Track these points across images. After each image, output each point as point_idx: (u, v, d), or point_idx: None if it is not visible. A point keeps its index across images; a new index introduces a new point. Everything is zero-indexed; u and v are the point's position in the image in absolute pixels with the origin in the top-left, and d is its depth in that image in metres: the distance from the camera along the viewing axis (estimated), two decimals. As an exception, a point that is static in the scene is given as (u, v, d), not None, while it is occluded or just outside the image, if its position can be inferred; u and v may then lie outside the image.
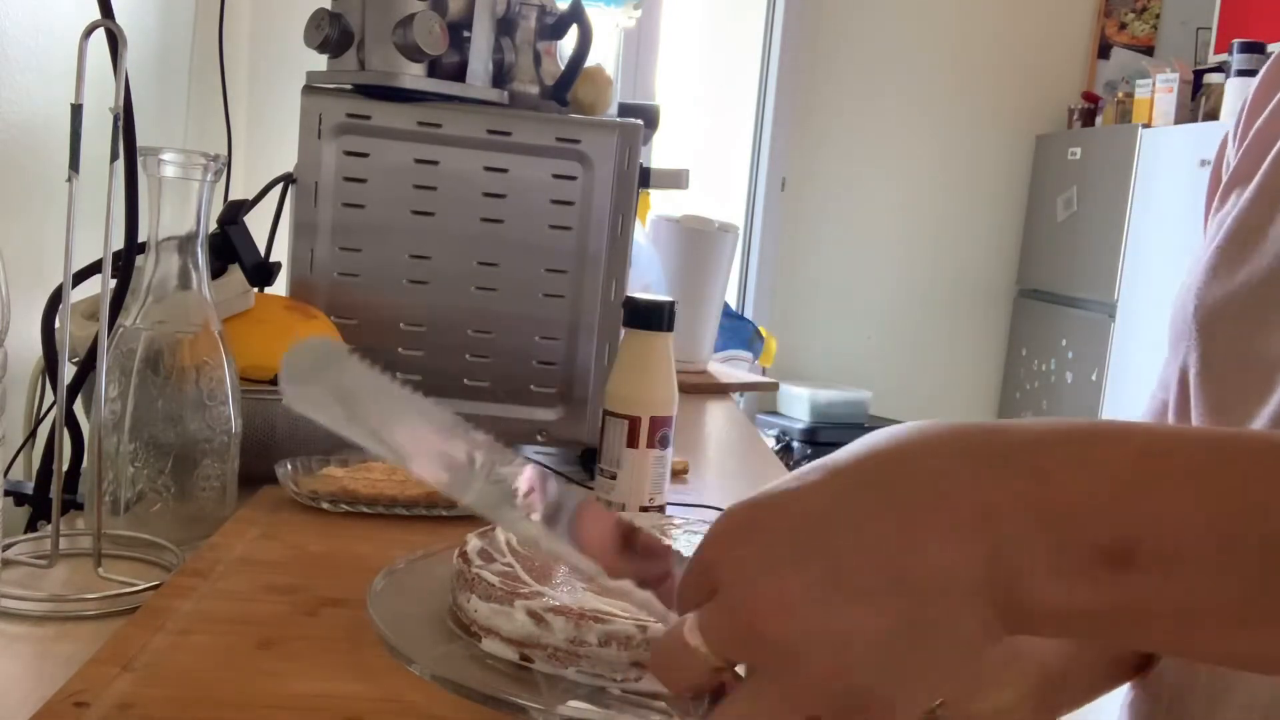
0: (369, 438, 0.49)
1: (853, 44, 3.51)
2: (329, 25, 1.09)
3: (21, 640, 0.64)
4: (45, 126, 1.09)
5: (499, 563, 0.63)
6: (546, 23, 1.16)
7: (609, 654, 0.55)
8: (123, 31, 0.74)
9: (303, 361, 0.50)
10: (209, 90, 1.48)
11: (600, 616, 0.56)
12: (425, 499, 0.87)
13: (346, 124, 1.11)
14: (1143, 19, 3.70)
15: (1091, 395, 3.22)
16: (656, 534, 0.66)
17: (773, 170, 3.48)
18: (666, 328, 0.91)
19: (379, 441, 0.49)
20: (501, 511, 0.49)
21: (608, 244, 1.14)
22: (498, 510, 0.49)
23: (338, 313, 1.11)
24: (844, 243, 3.61)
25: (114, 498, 0.79)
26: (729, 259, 1.82)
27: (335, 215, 1.12)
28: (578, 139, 1.12)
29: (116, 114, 0.73)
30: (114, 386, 0.79)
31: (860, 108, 3.55)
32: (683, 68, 3.35)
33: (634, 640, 0.55)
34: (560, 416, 1.16)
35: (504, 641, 0.57)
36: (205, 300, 0.82)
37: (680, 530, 0.76)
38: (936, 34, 3.55)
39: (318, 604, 0.66)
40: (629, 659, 0.55)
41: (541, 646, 0.56)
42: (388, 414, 0.50)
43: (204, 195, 0.80)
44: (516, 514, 0.49)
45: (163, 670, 0.55)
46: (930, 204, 3.66)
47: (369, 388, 0.50)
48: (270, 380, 0.96)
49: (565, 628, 0.56)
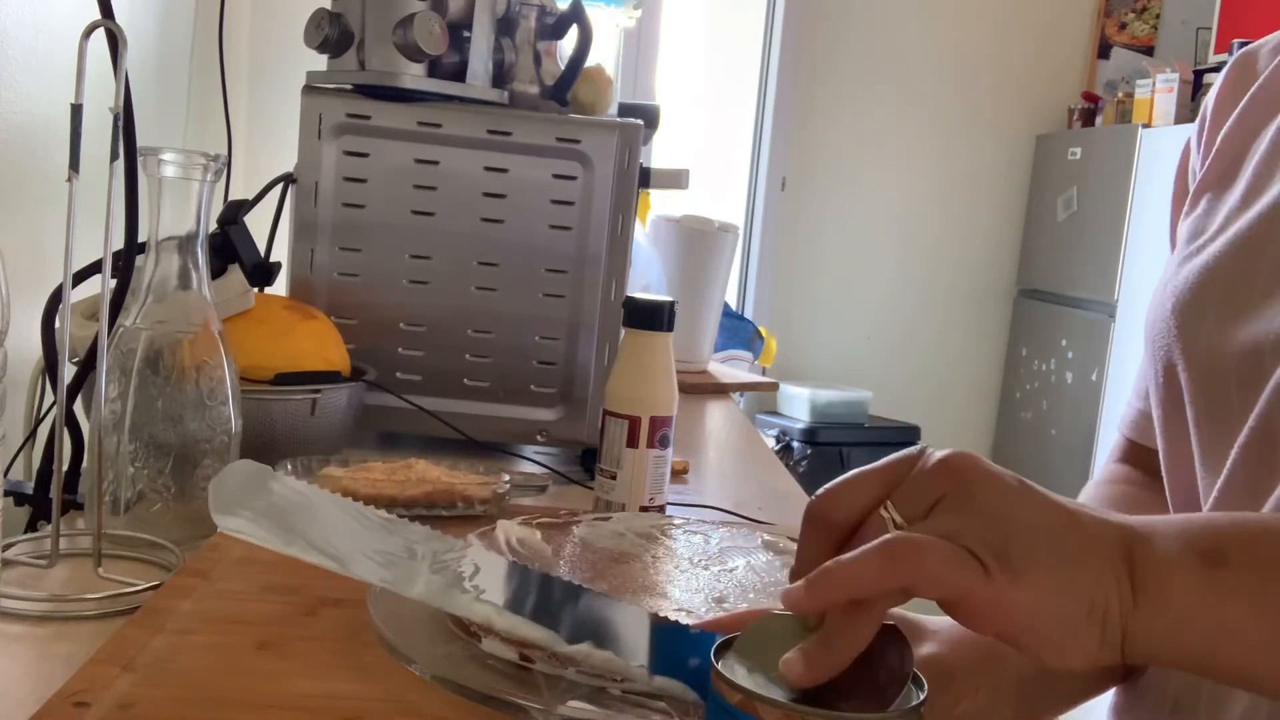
0: (309, 551, 0.50)
1: (853, 44, 3.51)
2: (329, 25, 1.09)
3: (21, 640, 0.64)
4: (45, 126, 1.09)
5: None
6: (546, 23, 1.16)
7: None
8: (123, 31, 0.74)
9: (229, 489, 0.51)
10: (209, 90, 1.48)
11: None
12: (425, 499, 0.87)
13: (346, 124, 1.11)
14: (1143, 19, 3.70)
15: (1091, 395, 3.22)
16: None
17: (773, 170, 3.48)
18: (666, 328, 0.91)
19: (319, 553, 0.50)
20: (451, 597, 0.50)
21: (608, 244, 1.14)
22: (447, 596, 0.50)
23: (338, 313, 1.11)
24: (844, 243, 3.61)
25: (114, 498, 0.79)
26: (729, 259, 1.82)
27: (335, 215, 1.12)
28: (578, 139, 1.12)
29: (116, 114, 0.73)
30: (114, 386, 0.79)
31: (860, 108, 3.55)
32: (683, 68, 3.35)
33: None
34: (560, 416, 1.16)
35: (504, 642, 0.57)
36: (205, 300, 0.82)
37: (680, 530, 0.76)
38: (936, 34, 3.55)
39: (317, 604, 0.66)
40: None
41: (541, 647, 0.56)
42: (322, 524, 0.51)
43: (204, 195, 0.80)
44: (467, 597, 0.49)
45: (163, 670, 0.55)
46: (930, 204, 3.66)
47: (298, 502, 0.51)
48: (270, 380, 0.96)
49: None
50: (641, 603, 0.60)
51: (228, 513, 0.50)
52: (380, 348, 1.13)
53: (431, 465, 0.93)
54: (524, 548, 0.67)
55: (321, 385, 0.98)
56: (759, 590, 0.64)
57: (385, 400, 1.10)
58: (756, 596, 0.63)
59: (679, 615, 0.58)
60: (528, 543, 0.68)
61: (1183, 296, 0.67)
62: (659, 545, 0.72)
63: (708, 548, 0.72)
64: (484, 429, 1.15)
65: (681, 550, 0.71)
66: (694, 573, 0.67)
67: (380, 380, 1.09)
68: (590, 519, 0.75)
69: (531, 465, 1.15)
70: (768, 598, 0.63)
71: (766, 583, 0.66)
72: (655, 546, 0.71)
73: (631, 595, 0.61)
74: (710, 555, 0.71)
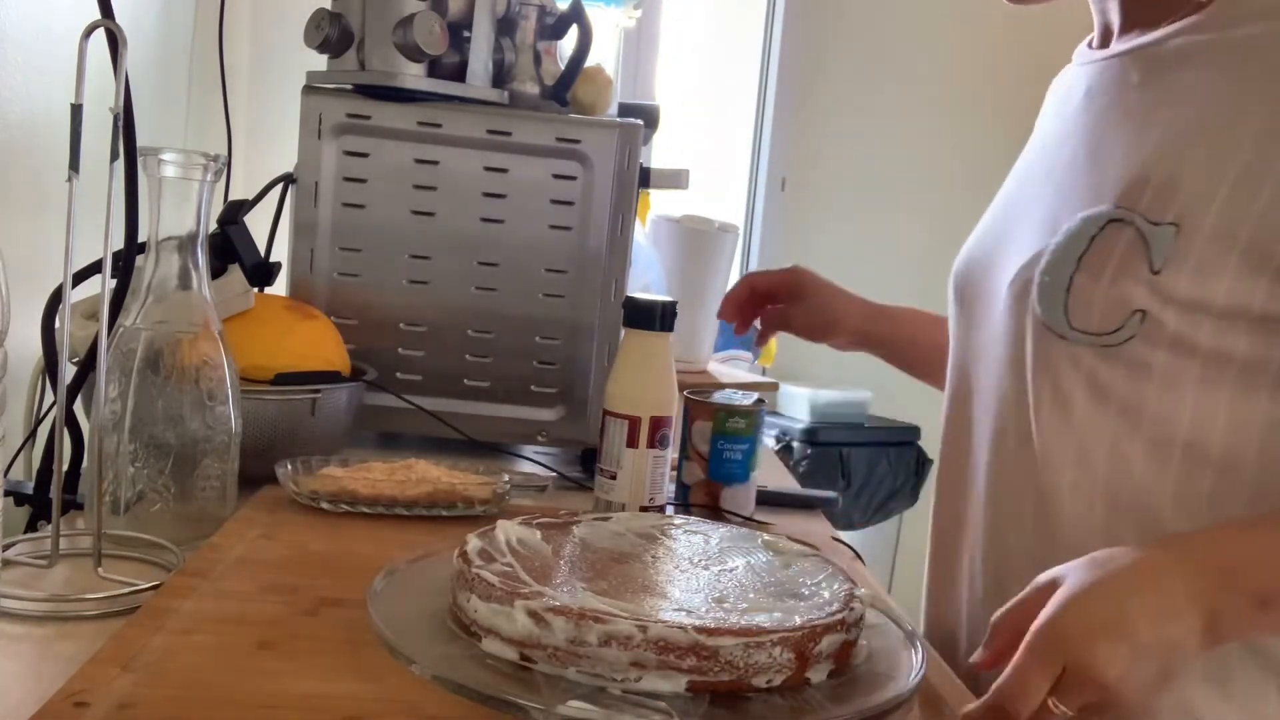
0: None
1: (853, 44, 3.51)
2: (329, 25, 1.09)
3: (21, 640, 0.64)
4: (45, 126, 1.09)
5: (499, 563, 0.63)
6: (546, 23, 1.16)
7: (609, 654, 0.55)
8: (123, 31, 0.74)
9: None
10: (209, 90, 1.48)
11: (600, 616, 0.56)
12: (425, 499, 0.87)
13: (346, 124, 1.11)
14: (1143, 19, 3.70)
15: (1091, 395, 3.22)
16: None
17: (773, 170, 3.48)
18: (666, 328, 0.91)
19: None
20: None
21: (608, 244, 1.14)
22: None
23: (338, 313, 1.11)
24: (844, 243, 3.61)
25: (114, 498, 0.79)
26: (729, 259, 1.82)
27: (335, 215, 1.12)
28: (578, 139, 1.12)
29: (116, 114, 0.73)
30: (114, 386, 0.79)
31: (860, 108, 3.55)
32: (683, 68, 3.34)
33: (634, 640, 0.55)
34: (560, 416, 1.16)
35: (504, 641, 0.57)
36: (205, 300, 0.82)
37: (680, 530, 0.76)
38: (937, 34, 3.55)
39: (318, 604, 0.66)
40: (629, 659, 0.55)
41: (541, 647, 0.56)
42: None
43: (204, 195, 0.80)
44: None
45: (163, 670, 0.55)
46: (931, 204, 3.66)
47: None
48: (270, 380, 0.96)
49: (565, 628, 0.56)
50: (642, 602, 0.60)
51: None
52: (380, 348, 1.13)
53: (431, 465, 0.93)
54: (524, 548, 0.67)
55: (321, 385, 0.98)
56: (759, 590, 0.64)
57: (385, 400, 1.10)
58: (757, 596, 0.63)
59: (679, 615, 0.58)
60: (528, 543, 0.68)
61: (958, 269, 0.96)
62: (659, 545, 0.72)
63: (708, 548, 0.72)
64: (484, 429, 1.15)
65: (681, 550, 0.71)
66: (694, 573, 0.67)
67: (380, 380, 1.09)
68: (590, 519, 0.75)
69: (531, 465, 1.15)
70: (768, 597, 0.63)
71: (766, 582, 0.66)
72: (655, 546, 0.71)
73: (631, 595, 0.61)
74: (710, 555, 0.71)
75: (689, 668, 0.55)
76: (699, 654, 0.55)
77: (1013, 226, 0.88)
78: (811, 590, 0.65)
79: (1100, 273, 0.75)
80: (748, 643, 0.56)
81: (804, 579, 0.67)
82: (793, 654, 0.57)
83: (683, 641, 0.55)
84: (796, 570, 0.69)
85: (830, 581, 0.67)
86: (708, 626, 0.56)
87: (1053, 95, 0.98)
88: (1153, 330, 0.74)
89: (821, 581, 0.67)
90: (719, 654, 0.55)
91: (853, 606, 0.62)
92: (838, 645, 0.60)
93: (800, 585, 0.66)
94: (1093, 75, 0.86)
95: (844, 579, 0.67)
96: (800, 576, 0.68)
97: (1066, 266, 0.77)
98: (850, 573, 0.70)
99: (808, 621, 0.59)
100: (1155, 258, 0.73)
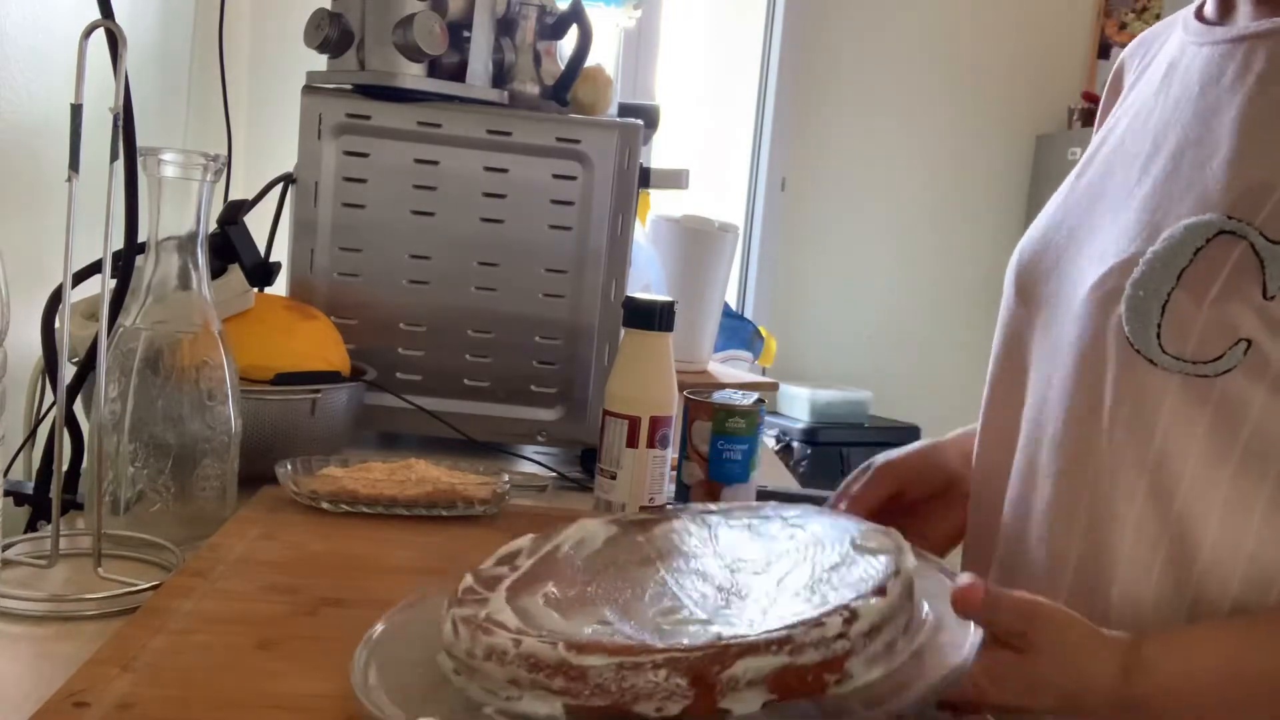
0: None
1: (853, 44, 3.50)
2: (329, 25, 1.09)
3: (21, 640, 0.64)
4: (45, 126, 1.09)
5: (511, 565, 0.62)
6: (546, 23, 1.16)
7: (491, 668, 0.50)
8: (123, 31, 0.74)
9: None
10: (209, 90, 1.48)
11: (489, 628, 0.51)
12: (425, 499, 0.87)
13: (346, 124, 1.11)
14: (1143, 19, 3.70)
15: (1091, 395, 3.22)
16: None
17: (773, 170, 3.48)
18: (666, 328, 0.91)
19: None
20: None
21: (608, 244, 1.14)
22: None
23: (338, 313, 1.11)
24: (844, 243, 3.61)
25: (114, 498, 0.79)
26: (729, 259, 1.81)
27: (335, 215, 1.12)
28: (578, 139, 1.12)
29: (116, 114, 0.73)
30: (114, 386, 0.79)
31: (860, 108, 3.55)
32: (683, 68, 3.34)
33: (508, 655, 0.50)
34: (560, 416, 1.16)
35: (443, 651, 0.55)
36: (205, 300, 0.82)
37: (683, 521, 0.75)
38: (937, 34, 3.55)
39: (318, 604, 0.66)
40: (504, 676, 0.50)
41: (453, 657, 0.53)
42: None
43: (204, 195, 0.80)
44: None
45: (163, 670, 0.55)
46: (930, 204, 3.66)
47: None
48: (270, 380, 0.96)
49: (465, 638, 0.52)
50: (594, 612, 0.55)
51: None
52: (380, 348, 1.13)
53: (431, 465, 0.93)
54: (577, 548, 0.64)
55: (321, 385, 0.98)
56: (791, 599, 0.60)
57: (385, 400, 1.10)
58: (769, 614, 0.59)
59: (603, 630, 0.52)
60: (586, 541, 0.64)
61: (1020, 260, 0.86)
62: (719, 543, 0.68)
63: (789, 546, 0.68)
64: (484, 429, 1.15)
65: (679, 546, 0.70)
66: (731, 578, 0.63)
67: (380, 380, 1.09)
68: (697, 510, 0.71)
69: (531, 465, 1.15)
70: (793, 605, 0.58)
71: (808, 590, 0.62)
72: (713, 545, 0.68)
73: (601, 604, 0.56)
74: (783, 555, 0.66)
75: (559, 689, 0.48)
76: (567, 674, 0.48)
77: (1095, 220, 0.77)
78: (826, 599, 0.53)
79: (1204, 292, 0.65)
80: (621, 663, 0.47)
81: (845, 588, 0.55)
82: (685, 680, 0.47)
83: (550, 659, 0.48)
84: (854, 572, 0.57)
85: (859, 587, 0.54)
86: (577, 642, 0.49)
87: (1153, 68, 0.82)
88: (1256, 363, 0.63)
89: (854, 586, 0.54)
90: (587, 675, 0.48)
91: (825, 622, 0.49)
92: (771, 671, 0.48)
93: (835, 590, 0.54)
94: (1210, 58, 0.74)
95: (885, 587, 0.53)
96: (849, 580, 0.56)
97: (1165, 282, 0.67)
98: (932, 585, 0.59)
99: (715, 641, 0.48)
100: (1271, 280, 0.63)
